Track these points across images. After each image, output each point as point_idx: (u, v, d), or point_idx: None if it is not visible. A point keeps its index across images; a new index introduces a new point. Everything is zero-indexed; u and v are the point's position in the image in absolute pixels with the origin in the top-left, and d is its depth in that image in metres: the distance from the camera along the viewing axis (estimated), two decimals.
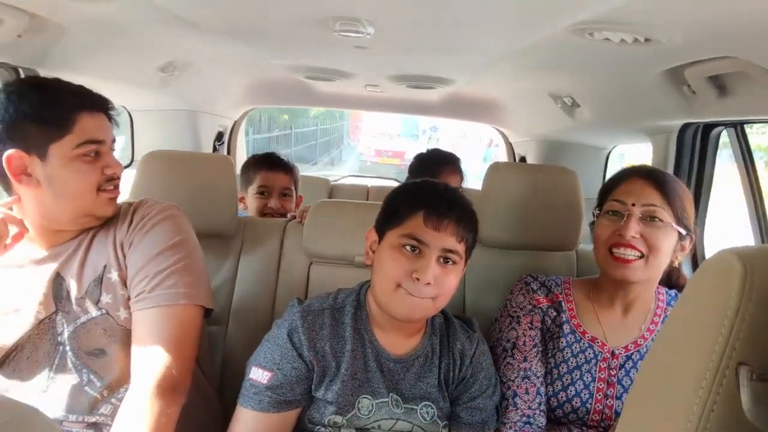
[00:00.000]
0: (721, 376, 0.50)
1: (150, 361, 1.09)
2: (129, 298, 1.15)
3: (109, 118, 1.18)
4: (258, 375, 1.14)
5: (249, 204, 2.13)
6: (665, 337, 0.62)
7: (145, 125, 2.60)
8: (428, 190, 1.19)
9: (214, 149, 2.96)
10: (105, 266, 1.16)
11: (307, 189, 2.63)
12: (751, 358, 0.50)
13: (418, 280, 1.09)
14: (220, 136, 3.02)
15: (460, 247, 1.13)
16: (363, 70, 2.26)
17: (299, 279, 1.65)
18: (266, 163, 2.15)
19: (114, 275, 1.16)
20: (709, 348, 0.51)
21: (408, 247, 1.11)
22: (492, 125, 3.46)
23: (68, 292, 1.14)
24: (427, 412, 1.21)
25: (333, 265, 1.65)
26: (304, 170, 2.47)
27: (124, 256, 1.16)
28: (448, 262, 1.13)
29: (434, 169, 2.18)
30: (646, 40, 1.11)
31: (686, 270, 1.82)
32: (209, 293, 1.21)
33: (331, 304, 1.22)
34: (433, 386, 1.21)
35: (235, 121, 3.23)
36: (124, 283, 1.15)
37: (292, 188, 2.17)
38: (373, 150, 17.11)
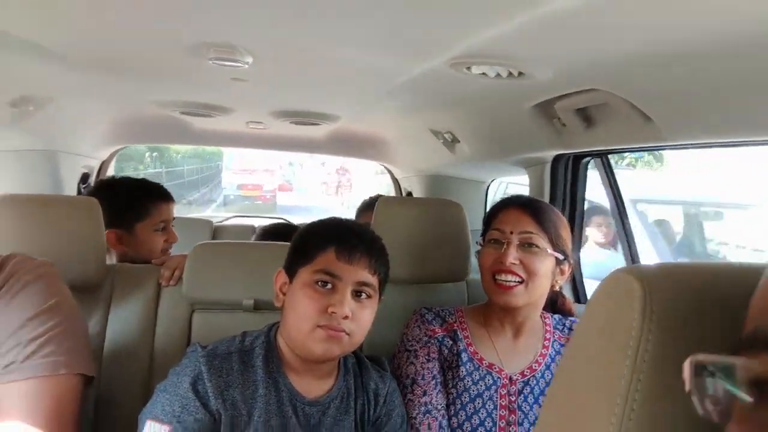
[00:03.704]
0: (632, 399, 0.49)
1: None
2: None
3: None
4: (154, 430, 1.02)
5: (147, 243, 1.83)
6: (569, 364, 0.61)
7: None
8: (338, 225, 1.20)
9: (79, 193, 2.70)
10: None
11: (188, 232, 2.47)
12: (657, 380, 0.50)
13: (334, 314, 1.07)
14: (85, 179, 2.77)
15: (374, 280, 1.14)
16: (243, 105, 2.18)
17: (179, 329, 1.51)
18: (161, 194, 1.90)
19: None
20: (616, 372, 0.50)
21: (320, 284, 1.10)
22: (378, 161, 3.52)
23: None
24: None
25: (218, 312, 1.53)
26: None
27: None
28: (362, 295, 1.12)
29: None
30: (520, 74, 1.17)
31: (568, 294, 1.94)
32: (91, 360, 1.07)
33: (238, 346, 1.15)
34: (349, 429, 1.17)
35: (103, 162, 2.98)
36: None
37: None
38: (235, 185, 20.02)
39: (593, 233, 3.66)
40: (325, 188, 23.33)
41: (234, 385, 1.09)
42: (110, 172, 3.16)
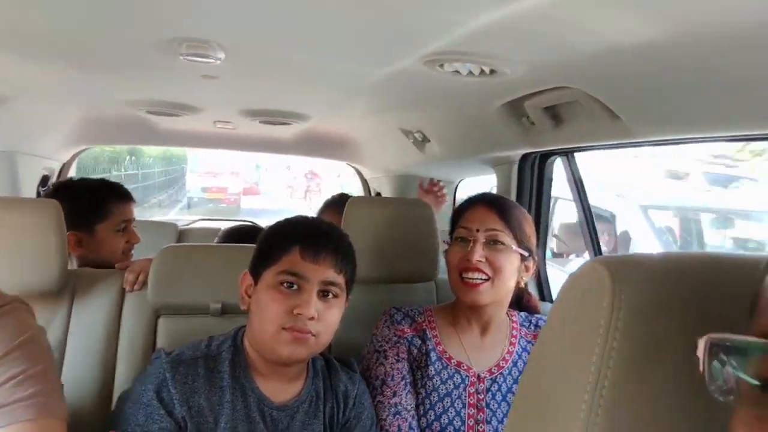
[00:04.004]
0: (600, 386, 0.50)
1: None
2: None
3: None
4: None
5: (108, 244, 1.79)
6: (540, 355, 0.62)
7: None
8: (303, 224, 1.18)
9: (38, 196, 2.62)
10: None
11: (153, 235, 2.42)
12: (626, 366, 0.50)
13: (300, 315, 1.05)
14: (45, 181, 2.68)
15: (340, 279, 1.12)
16: (212, 104, 2.15)
17: (144, 336, 1.48)
18: (122, 194, 1.86)
19: None
20: (585, 362, 0.51)
21: (286, 284, 1.08)
22: (347, 162, 3.50)
23: None
24: None
25: (184, 317, 1.50)
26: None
27: None
28: (328, 295, 1.11)
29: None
30: (492, 71, 1.19)
31: (533, 291, 1.97)
32: (65, 405, 0.99)
33: (204, 351, 1.12)
34: None
35: (64, 164, 2.89)
36: None
37: None
38: (200, 188, 20.26)
39: None
40: (290, 192, 23.27)
41: (200, 391, 1.07)
42: (72, 172, 3.08)
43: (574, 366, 0.53)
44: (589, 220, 1.81)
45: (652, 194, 4.36)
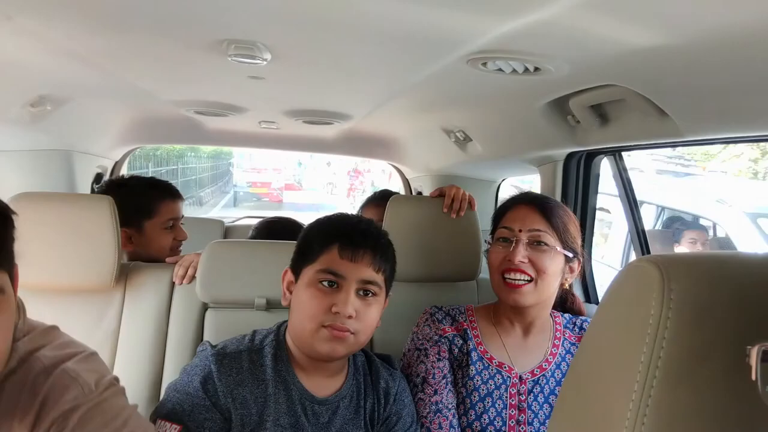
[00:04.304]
0: (649, 386, 0.49)
1: None
2: None
3: None
4: (165, 429, 1.02)
5: (156, 241, 1.84)
6: (585, 355, 0.61)
7: (9, 167, 2.34)
8: (341, 222, 1.19)
9: (92, 192, 2.73)
10: None
11: (200, 232, 2.49)
12: (675, 366, 0.50)
13: (338, 313, 1.07)
14: (99, 179, 2.80)
15: (379, 278, 1.13)
16: (257, 104, 2.20)
17: (192, 327, 1.53)
18: (169, 192, 1.91)
19: None
20: (633, 363, 0.50)
21: (325, 283, 1.09)
22: (389, 161, 3.52)
23: None
24: None
25: (231, 310, 1.55)
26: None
27: None
28: (368, 294, 1.12)
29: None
30: (536, 69, 1.17)
31: (578, 293, 1.93)
32: None
33: (248, 345, 1.15)
34: (359, 428, 1.17)
35: (117, 162, 3.01)
36: None
37: None
38: (245, 182, 22.08)
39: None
40: (331, 188, 23.66)
41: (244, 383, 1.09)
42: (124, 170, 3.20)
43: (621, 367, 0.52)
44: (638, 220, 1.77)
45: (760, 201, 3.87)
